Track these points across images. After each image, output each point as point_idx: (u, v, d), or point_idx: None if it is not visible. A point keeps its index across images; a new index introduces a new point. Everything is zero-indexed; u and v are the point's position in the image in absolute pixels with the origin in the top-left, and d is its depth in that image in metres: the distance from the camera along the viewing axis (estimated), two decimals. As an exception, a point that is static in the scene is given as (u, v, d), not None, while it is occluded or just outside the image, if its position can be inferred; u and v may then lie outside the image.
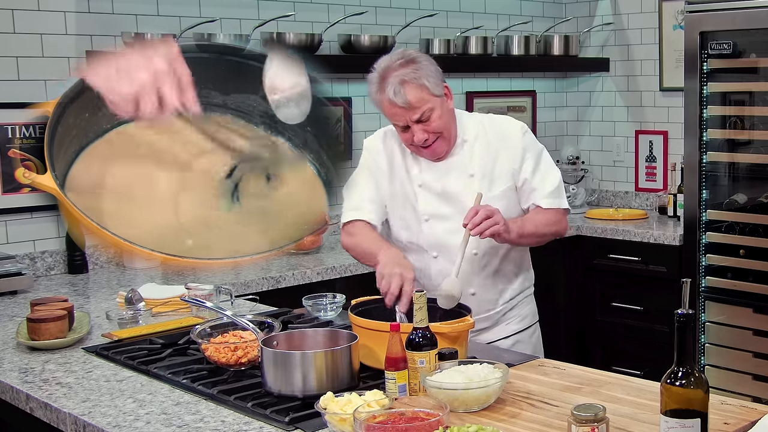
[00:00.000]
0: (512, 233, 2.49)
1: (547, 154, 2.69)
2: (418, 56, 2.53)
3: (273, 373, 1.95)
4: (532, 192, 2.63)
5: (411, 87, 2.47)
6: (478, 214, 2.40)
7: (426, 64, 2.51)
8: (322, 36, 3.96)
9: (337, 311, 2.64)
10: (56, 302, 2.57)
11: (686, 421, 1.56)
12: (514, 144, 2.63)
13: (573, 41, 4.85)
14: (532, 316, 2.81)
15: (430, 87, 2.48)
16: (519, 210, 2.66)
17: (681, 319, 1.57)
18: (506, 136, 2.64)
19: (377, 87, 2.52)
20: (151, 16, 3.65)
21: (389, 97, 2.48)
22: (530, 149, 2.64)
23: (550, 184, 2.64)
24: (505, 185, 2.62)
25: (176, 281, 3.15)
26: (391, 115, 2.53)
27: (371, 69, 2.56)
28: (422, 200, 2.63)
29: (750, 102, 4.06)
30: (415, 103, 2.47)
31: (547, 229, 2.63)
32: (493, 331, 2.70)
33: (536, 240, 2.65)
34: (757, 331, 3.84)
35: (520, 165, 2.62)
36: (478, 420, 1.80)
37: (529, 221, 2.60)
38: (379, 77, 2.51)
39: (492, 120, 2.71)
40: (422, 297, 1.96)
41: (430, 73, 2.50)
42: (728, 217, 3.98)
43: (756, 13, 3.74)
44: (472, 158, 2.62)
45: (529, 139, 2.66)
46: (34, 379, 2.17)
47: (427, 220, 2.63)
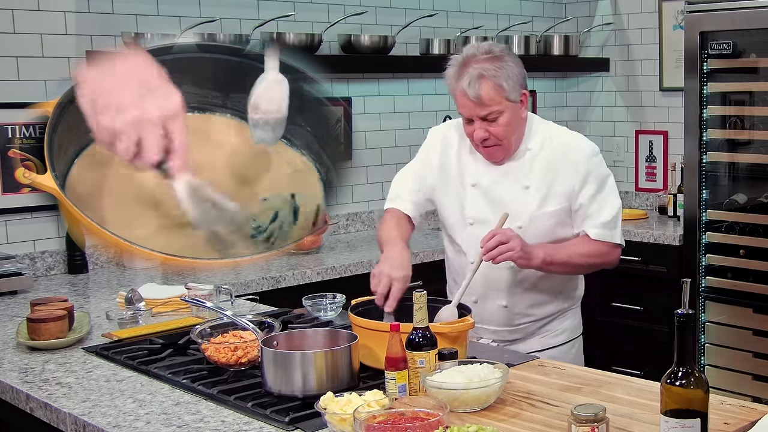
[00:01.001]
0: (535, 260, 2.41)
1: (612, 182, 2.57)
2: (506, 55, 2.45)
3: (273, 373, 1.95)
4: (585, 219, 2.53)
5: (487, 83, 2.40)
6: (493, 239, 2.34)
7: (511, 65, 2.44)
8: (322, 36, 3.96)
9: (337, 311, 2.64)
10: (56, 302, 2.57)
11: (686, 421, 1.56)
12: (578, 164, 2.52)
13: (573, 41, 4.85)
14: (572, 331, 2.72)
15: (506, 89, 2.42)
16: (570, 232, 2.56)
17: (681, 319, 1.57)
18: (572, 154, 2.53)
19: (455, 72, 2.45)
20: (151, 16, 3.65)
21: (463, 87, 2.41)
22: (594, 173, 2.53)
23: (606, 214, 2.52)
24: (559, 205, 2.52)
25: (176, 281, 3.15)
26: (460, 105, 2.47)
27: (459, 51, 2.49)
28: (471, 202, 2.57)
29: (750, 102, 4.06)
30: (486, 100, 2.41)
31: (585, 260, 2.53)
32: (525, 343, 2.61)
33: (571, 270, 2.56)
34: (757, 331, 3.84)
35: (580, 188, 2.51)
36: (478, 420, 1.80)
37: (565, 250, 2.50)
38: (460, 64, 2.45)
39: (562, 134, 2.60)
40: (422, 297, 1.96)
41: (512, 75, 2.43)
42: (728, 217, 3.98)
43: (756, 13, 3.74)
44: (532, 169, 2.53)
45: (596, 163, 2.55)
46: (34, 379, 2.17)
47: (472, 224, 2.57)
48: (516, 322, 2.60)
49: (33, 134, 3.35)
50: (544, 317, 2.63)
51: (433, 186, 2.66)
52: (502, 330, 2.59)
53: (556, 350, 2.64)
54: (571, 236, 2.56)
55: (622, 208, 2.60)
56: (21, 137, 3.34)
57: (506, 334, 2.59)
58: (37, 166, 3.29)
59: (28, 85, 3.34)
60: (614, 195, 2.57)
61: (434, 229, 4.36)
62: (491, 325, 2.60)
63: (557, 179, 2.52)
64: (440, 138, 2.67)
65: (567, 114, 5.29)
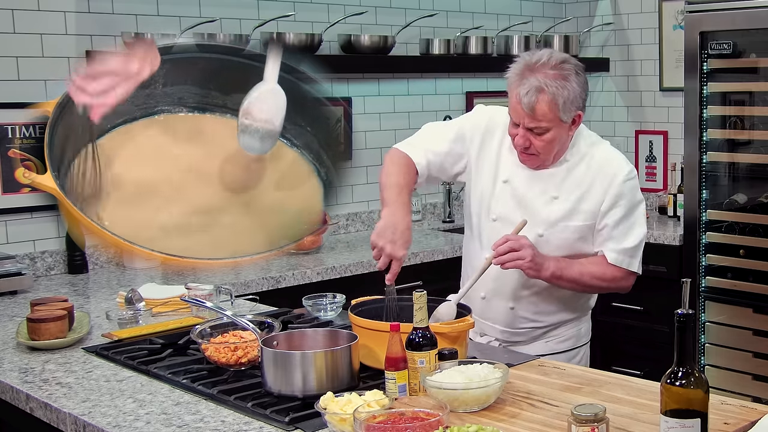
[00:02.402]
0: (545, 272, 2.40)
1: (642, 210, 2.52)
2: (573, 75, 2.38)
3: (273, 373, 1.95)
4: (607, 241, 2.48)
5: (544, 99, 2.35)
6: (505, 245, 2.33)
7: (574, 86, 2.38)
8: (322, 36, 3.96)
9: (337, 311, 2.64)
10: (56, 302, 2.57)
11: (686, 421, 1.56)
12: (611, 186, 2.47)
13: (573, 41, 4.85)
14: (578, 338, 2.67)
15: (560, 109, 2.36)
16: (590, 249, 2.52)
17: (681, 319, 1.57)
18: (607, 174, 2.48)
19: (518, 75, 2.40)
20: (151, 16, 3.65)
21: (519, 93, 2.37)
22: (626, 198, 2.48)
23: (630, 241, 2.48)
24: (584, 222, 2.48)
25: (176, 281, 3.15)
26: (512, 108, 2.43)
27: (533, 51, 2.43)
28: (499, 197, 2.53)
29: (750, 102, 4.06)
30: (539, 115, 2.37)
31: (596, 282, 2.50)
32: (529, 347, 2.58)
33: (580, 288, 2.52)
34: (757, 331, 3.84)
35: (608, 209, 2.47)
36: (478, 420, 1.80)
37: (578, 267, 2.47)
38: (526, 67, 2.40)
39: (603, 152, 2.53)
40: (422, 297, 1.96)
41: (571, 96, 2.37)
42: (728, 217, 3.98)
43: (756, 13, 3.74)
44: (565, 181, 2.49)
45: (630, 188, 2.49)
46: (34, 379, 2.17)
47: (495, 220, 2.54)
48: (521, 326, 2.58)
49: (33, 134, 3.35)
50: (550, 324, 2.61)
51: (463, 165, 2.59)
52: (507, 330, 2.59)
53: (561, 356, 2.60)
54: (590, 253, 2.52)
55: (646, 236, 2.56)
56: (21, 137, 3.34)
57: (510, 335, 2.58)
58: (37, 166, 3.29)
59: (28, 85, 3.34)
60: (641, 223, 2.52)
61: (433, 229, 4.37)
62: (497, 324, 2.59)
63: (587, 196, 2.48)
64: (486, 121, 2.60)
65: (567, 114, 5.29)
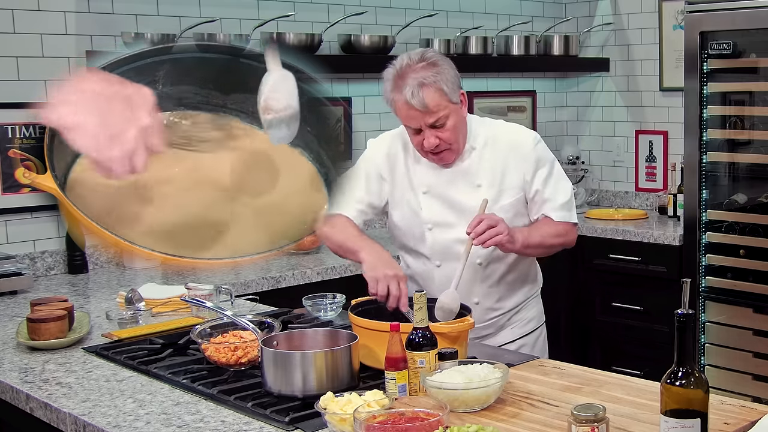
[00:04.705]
0: (517, 243, 2.45)
1: (558, 165, 2.64)
2: (440, 59, 2.46)
3: (273, 373, 1.95)
4: (544, 203, 2.58)
5: (430, 90, 2.40)
6: (482, 224, 2.36)
7: (446, 68, 2.45)
8: (322, 36, 3.96)
9: (337, 311, 2.64)
10: (56, 302, 2.57)
11: (686, 421, 1.56)
12: (526, 154, 2.56)
13: (573, 41, 4.85)
14: (537, 318, 2.77)
15: (448, 93, 2.43)
16: (527, 220, 2.61)
17: (681, 319, 1.57)
18: (518, 146, 2.57)
19: (392, 85, 2.45)
20: (151, 16, 3.65)
21: (406, 99, 2.41)
22: (543, 160, 2.58)
23: (563, 196, 2.59)
24: (513, 197, 2.56)
25: (176, 281, 3.15)
26: (405, 117, 2.46)
27: (390, 65, 2.48)
28: (426, 208, 2.58)
29: (750, 102, 4.06)
30: (433, 107, 2.41)
31: (554, 240, 2.58)
32: (497, 336, 2.66)
33: (543, 251, 2.61)
34: (757, 331, 3.84)
35: (532, 176, 2.56)
36: (478, 420, 1.80)
37: (536, 231, 2.55)
38: (397, 76, 2.44)
39: (503, 128, 2.63)
40: (422, 297, 1.96)
41: (450, 78, 2.44)
42: (728, 217, 3.98)
43: (756, 13, 3.74)
44: (480, 167, 2.56)
45: (542, 149, 2.60)
46: (34, 379, 2.17)
47: (431, 229, 2.58)
48: (487, 317, 2.63)
49: (33, 134, 3.35)
50: (512, 309, 2.68)
51: (384, 196, 2.64)
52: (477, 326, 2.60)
53: (525, 339, 2.70)
54: (527, 224, 2.61)
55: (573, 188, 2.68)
56: (21, 137, 3.34)
57: (480, 329, 2.61)
58: (37, 166, 3.31)
59: (28, 85, 3.34)
60: (564, 177, 2.64)
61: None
62: None
63: (507, 172, 2.56)
64: (385, 148, 2.65)
65: (567, 114, 5.29)
